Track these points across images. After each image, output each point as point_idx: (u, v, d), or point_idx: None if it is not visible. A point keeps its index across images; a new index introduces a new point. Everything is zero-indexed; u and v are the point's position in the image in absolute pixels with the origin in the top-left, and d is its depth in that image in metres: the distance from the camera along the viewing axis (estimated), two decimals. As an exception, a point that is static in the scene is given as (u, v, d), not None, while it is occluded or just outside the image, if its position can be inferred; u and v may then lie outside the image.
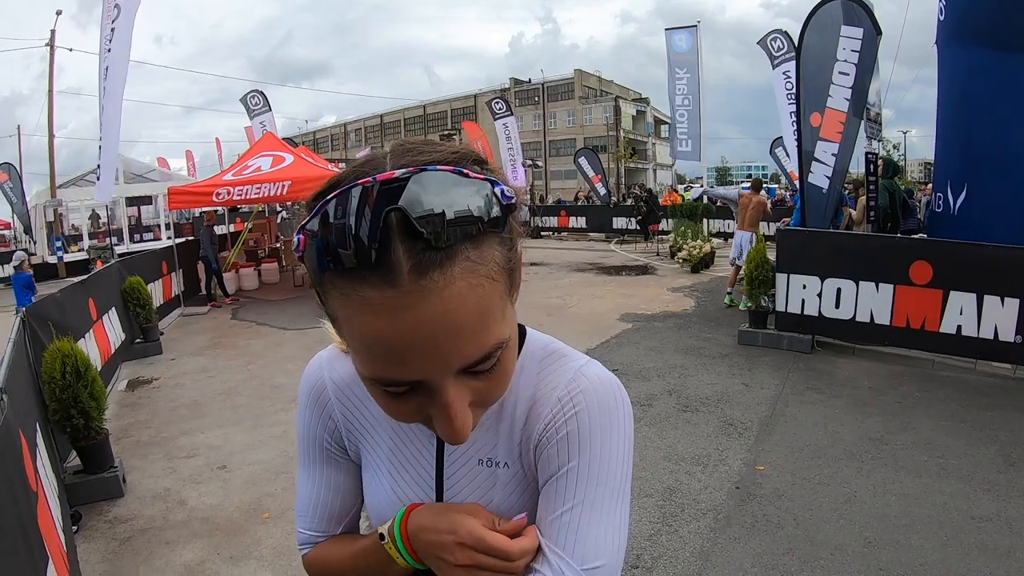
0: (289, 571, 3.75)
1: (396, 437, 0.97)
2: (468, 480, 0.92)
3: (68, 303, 6.40)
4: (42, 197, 22.16)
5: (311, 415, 1.02)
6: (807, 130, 8.19)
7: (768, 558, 3.68)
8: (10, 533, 2.07)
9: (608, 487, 0.85)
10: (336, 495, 1.04)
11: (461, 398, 0.70)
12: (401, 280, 0.60)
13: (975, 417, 5.48)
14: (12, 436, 2.66)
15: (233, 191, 11.85)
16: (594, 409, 0.85)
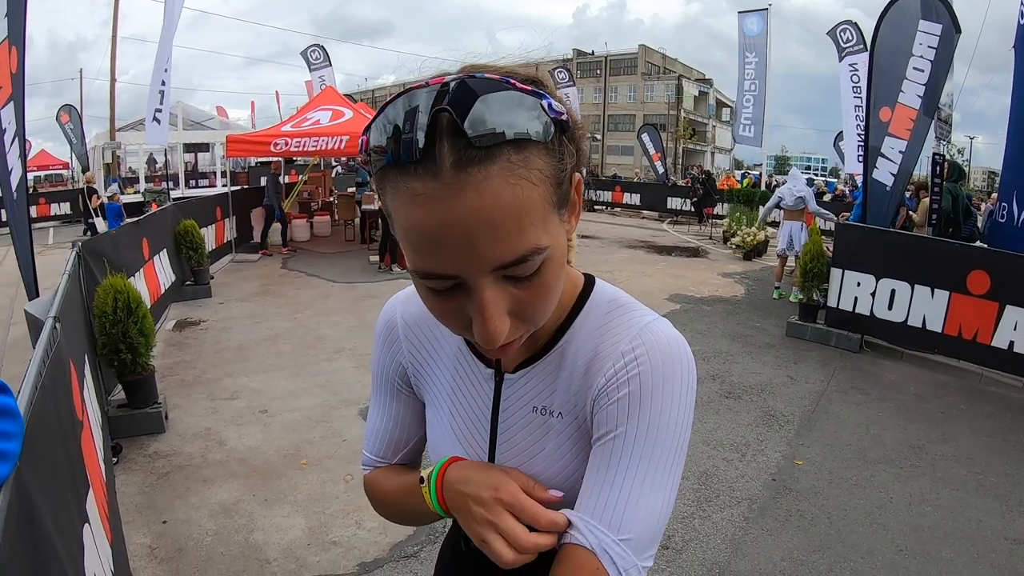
0: (322, 518, 3.83)
1: (457, 377, 1.01)
2: (521, 426, 0.95)
3: (122, 241, 6.55)
4: (101, 139, 22.61)
5: (382, 351, 1.10)
6: (875, 124, 7.95)
7: (798, 554, 3.65)
8: (57, 460, 2.13)
9: (661, 457, 0.85)
10: (396, 426, 1.12)
11: (497, 301, 0.71)
12: (443, 173, 0.64)
13: (1019, 437, 5.32)
14: (63, 365, 2.72)
15: (291, 143, 11.96)
16: (657, 371, 0.85)
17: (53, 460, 1.99)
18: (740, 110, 20.47)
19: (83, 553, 2.01)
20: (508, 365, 0.97)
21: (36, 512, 1.52)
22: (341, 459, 4.58)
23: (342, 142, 11.81)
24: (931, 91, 7.88)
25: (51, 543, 1.60)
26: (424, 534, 3.72)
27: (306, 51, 21.45)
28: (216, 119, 27.68)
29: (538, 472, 0.94)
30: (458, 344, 1.02)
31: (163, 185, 19.80)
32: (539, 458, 0.94)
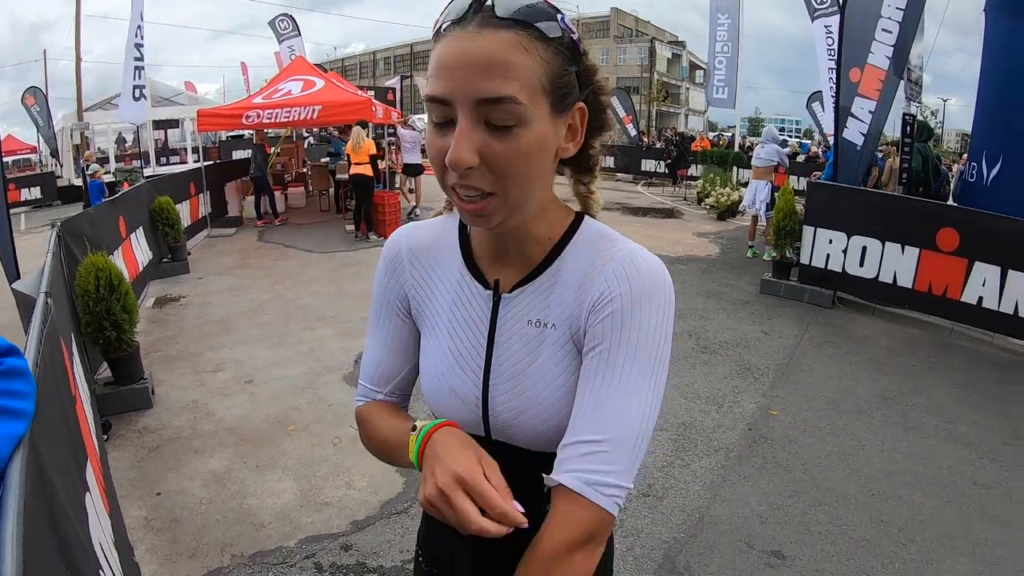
0: (313, 481, 3.92)
1: (457, 299, 1.10)
2: (517, 339, 1.04)
3: (100, 220, 6.50)
4: (69, 121, 22.17)
5: (386, 276, 1.18)
6: (846, 85, 8.04)
7: (775, 498, 3.81)
8: (58, 428, 2.18)
9: (642, 365, 0.94)
10: (391, 353, 1.18)
11: (470, 133, 0.85)
12: (469, 26, 0.85)
13: (987, 389, 5.50)
14: (57, 338, 2.76)
15: (263, 114, 11.80)
16: (640, 289, 0.96)
17: (55, 428, 2.04)
18: (713, 72, 20.46)
19: (87, 519, 2.05)
20: (505, 286, 1.06)
21: (47, 474, 1.58)
22: (328, 423, 4.66)
23: (314, 112, 11.70)
24: (899, 52, 7.97)
25: (61, 504, 1.67)
26: (413, 490, 3.83)
27: (274, 21, 21.11)
28: (184, 94, 27.16)
29: (531, 381, 1.02)
30: (459, 270, 1.11)
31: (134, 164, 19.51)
32: (533, 367, 1.02)
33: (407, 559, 3.22)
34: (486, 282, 1.08)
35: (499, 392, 1.05)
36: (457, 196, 0.91)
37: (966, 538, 3.50)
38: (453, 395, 1.08)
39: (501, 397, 1.04)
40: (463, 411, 1.08)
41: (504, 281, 1.07)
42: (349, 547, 3.33)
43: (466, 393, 1.07)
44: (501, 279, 1.07)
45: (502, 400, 1.04)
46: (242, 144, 24.08)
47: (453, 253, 1.12)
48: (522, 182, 0.90)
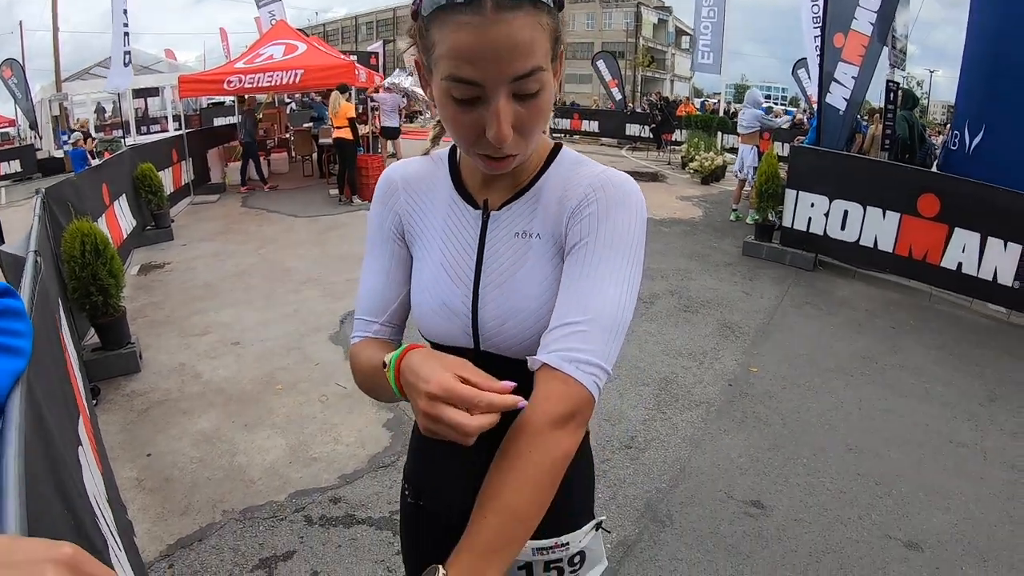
0: (301, 437, 3.98)
1: (449, 220, 1.18)
2: (506, 247, 1.13)
3: (83, 187, 6.44)
4: (47, 92, 21.78)
5: (382, 206, 1.25)
6: (830, 50, 8.06)
7: (754, 451, 3.91)
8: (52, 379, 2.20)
9: (619, 259, 1.03)
10: (387, 280, 1.23)
11: (508, 111, 0.93)
12: (485, 11, 0.87)
13: (964, 352, 5.60)
14: (47, 295, 2.77)
15: (244, 79, 11.70)
16: (614, 195, 1.06)
17: (49, 376, 2.06)
18: (699, 37, 20.33)
19: (82, 471, 2.09)
20: (493, 205, 1.15)
21: (43, 416, 1.61)
22: (315, 382, 4.71)
23: (297, 76, 11.60)
24: (883, 18, 8.00)
25: (58, 448, 1.70)
26: (400, 444, 3.90)
27: (254, -17, 20.73)
28: (165, 62, 26.75)
29: (518, 287, 1.09)
30: (450, 195, 1.19)
31: (115, 134, 19.26)
32: (519, 275, 1.10)
33: (395, 510, 3.28)
34: (475, 203, 1.17)
35: (488, 300, 1.11)
36: (482, 158, 1.01)
37: (941, 493, 3.60)
38: (444, 308, 1.14)
39: (490, 306, 1.11)
40: (453, 323, 1.14)
41: (492, 201, 1.16)
42: (338, 500, 3.40)
43: (457, 305, 1.13)
44: (489, 200, 1.16)
45: (491, 308, 1.11)
46: (223, 111, 23.77)
47: (444, 182, 1.21)
48: (539, 131, 1.01)
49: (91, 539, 1.63)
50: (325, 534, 3.15)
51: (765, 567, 2.99)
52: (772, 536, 3.20)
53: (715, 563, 3.01)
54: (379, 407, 4.32)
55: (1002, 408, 4.62)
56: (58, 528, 1.32)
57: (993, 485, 3.70)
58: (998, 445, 4.13)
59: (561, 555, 1.24)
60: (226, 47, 32.51)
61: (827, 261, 7.88)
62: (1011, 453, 4.04)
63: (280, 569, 2.92)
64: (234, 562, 2.96)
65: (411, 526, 1.41)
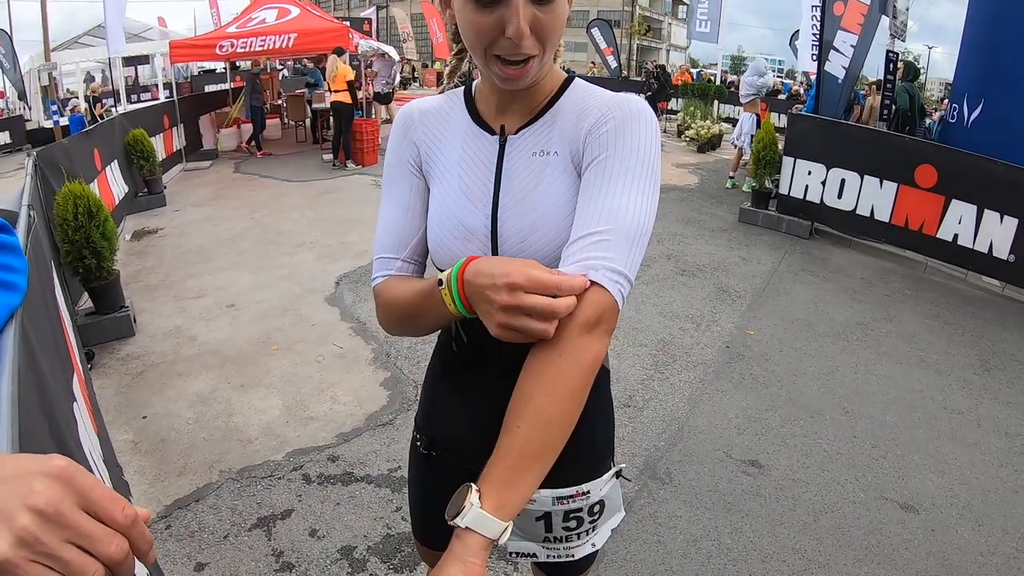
0: (298, 397, 3.96)
1: (466, 146, 1.18)
2: (524, 166, 1.13)
3: (74, 151, 6.32)
4: (36, 62, 21.42)
5: (400, 139, 1.25)
6: (829, 18, 8.00)
7: (752, 412, 3.92)
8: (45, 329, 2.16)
9: (637, 172, 1.05)
10: (407, 213, 1.21)
11: (526, 10, 0.96)
12: None
13: (959, 322, 5.61)
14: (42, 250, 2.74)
15: (237, 44, 11.46)
16: (631, 113, 1.08)
17: (43, 330, 2.03)
18: (696, 5, 20.17)
19: (76, 427, 2.06)
20: (510, 129, 1.15)
21: (37, 360, 1.58)
22: (311, 342, 4.69)
23: (290, 40, 11.41)
24: (882, -14, 7.93)
25: (51, 393, 1.68)
26: (398, 403, 3.90)
27: (242, -52, 20.40)
28: (156, 29, 26.32)
29: (537, 203, 1.09)
30: (466, 123, 1.20)
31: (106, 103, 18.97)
32: (537, 191, 1.10)
33: (393, 468, 3.29)
34: (491, 129, 1.18)
35: (507, 218, 1.11)
36: (500, 63, 1.02)
37: (936, 457, 3.62)
38: (463, 229, 1.13)
39: (509, 223, 1.11)
40: (472, 244, 1.13)
41: (509, 126, 1.17)
42: (336, 458, 3.39)
43: (476, 225, 1.13)
44: (506, 125, 1.17)
45: (510, 225, 1.10)
46: (214, 79, 23.47)
47: (460, 111, 1.22)
48: (555, 43, 1.05)
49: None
50: (323, 492, 3.14)
51: (763, 525, 3.00)
52: (770, 495, 3.21)
53: (714, 520, 3.01)
54: (376, 367, 4.31)
55: (996, 378, 4.64)
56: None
57: (987, 451, 3.72)
58: (992, 413, 4.15)
59: (581, 504, 1.24)
60: (216, 14, 32.06)
61: (823, 229, 7.86)
62: (1005, 422, 4.05)
63: (278, 527, 2.91)
64: (232, 521, 2.95)
65: (423, 477, 1.40)
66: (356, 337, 4.80)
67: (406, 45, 40.36)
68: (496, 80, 1.06)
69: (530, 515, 1.24)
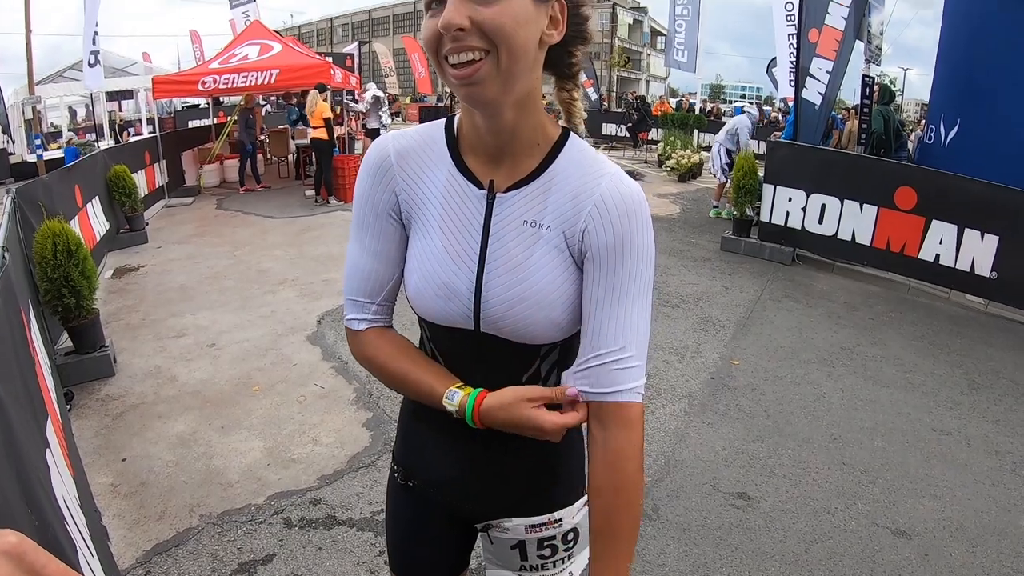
0: (279, 439, 3.90)
1: (448, 198, 1.14)
2: (512, 236, 1.10)
3: (55, 188, 6.29)
4: (20, 95, 21.40)
5: (372, 181, 1.18)
6: (805, 46, 8.13)
7: (739, 443, 3.89)
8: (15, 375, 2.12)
9: (644, 276, 1.08)
10: (380, 260, 1.20)
11: (461, 2, 0.93)
12: None
13: (944, 342, 5.65)
14: (13, 294, 2.70)
15: (219, 80, 11.50)
16: (632, 209, 1.07)
17: (14, 378, 1.99)
18: (673, 35, 20.44)
19: (49, 473, 2.01)
20: (499, 187, 1.11)
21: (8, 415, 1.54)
22: (293, 382, 4.63)
23: (272, 76, 11.45)
24: (856, 12, 8.11)
25: (22, 448, 1.63)
26: (380, 444, 3.84)
27: (227, -16, 20.53)
28: (140, 64, 26.37)
29: (527, 274, 1.09)
30: (448, 169, 1.15)
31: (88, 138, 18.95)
32: (528, 262, 1.09)
33: (376, 511, 3.23)
34: (477, 182, 1.13)
35: (494, 285, 1.10)
36: (450, 67, 0.97)
37: (927, 480, 3.61)
38: (445, 289, 1.12)
39: (496, 290, 1.10)
40: (453, 305, 1.12)
41: (497, 183, 1.12)
42: (318, 501, 3.33)
43: (459, 287, 1.12)
44: (495, 181, 1.12)
45: (496, 292, 1.10)
46: (197, 114, 23.50)
47: (441, 154, 1.16)
48: (511, 45, 0.96)
49: (58, 541, 1.57)
50: (305, 536, 3.08)
51: (754, 558, 2.96)
52: (760, 527, 3.17)
53: (704, 556, 2.98)
54: (358, 407, 4.27)
55: (983, 396, 4.66)
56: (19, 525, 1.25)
57: (978, 471, 3.72)
58: (981, 432, 4.16)
59: (555, 532, 1.28)
60: (199, 49, 32.20)
61: (805, 255, 7.93)
62: (994, 440, 4.07)
63: (260, 573, 2.85)
64: (212, 567, 2.88)
65: (401, 508, 1.40)
66: (338, 377, 4.74)
67: (388, 80, 40.69)
68: (454, 91, 1.02)
69: (504, 543, 1.30)
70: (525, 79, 1.03)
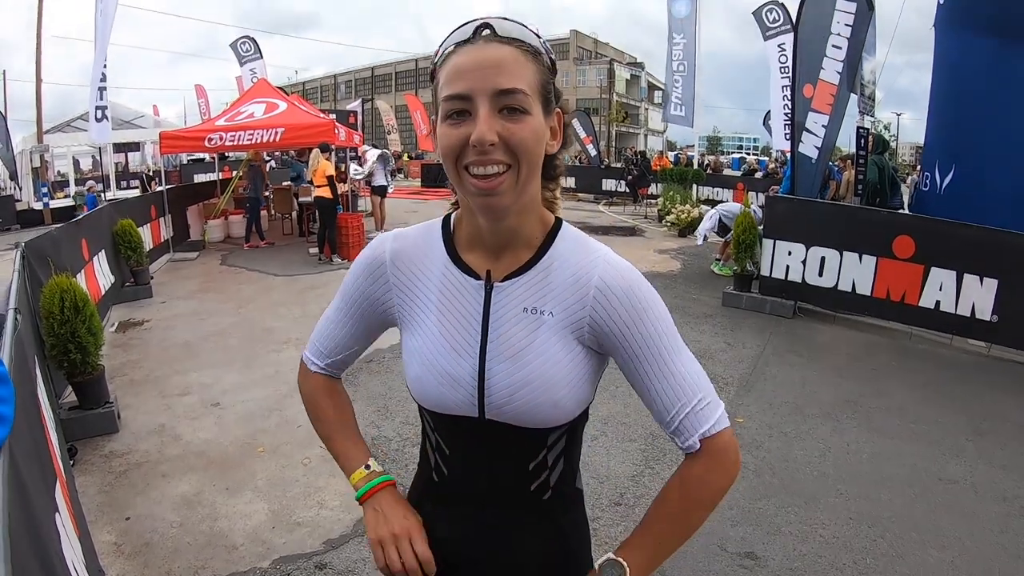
0: (284, 501, 3.88)
1: (445, 291, 1.19)
2: (514, 321, 1.15)
3: (63, 242, 6.37)
4: (28, 143, 21.69)
5: (363, 282, 1.28)
6: (800, 101, 8.27)
7: (745, 502, 3.86)
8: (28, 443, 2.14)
9: (672, 332, 1.16)
10: (349, 338, 1.34)
11: (490, 118, 1.01)
12: (478, 41, 1.04)
13: (948, 389, 5.66)
14: (26, 355, 2.73)
15: (225, 137, 11.71)
16: (632, 283, 1.14)
17: (26, 444, 2.01)
18: (671, 90, 20.72)
19: (59, 539, 2.02)
20: (496, 276, 1.16)
21: (25, 486, 1.56)
22: (298, 444, 4.62)
23: (277, 134, 11.65)
24: (850, 67, 8.26)
25: (39, 518, 1.65)
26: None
27: (236, 43, 20.96)
28: (148, 117, 26.76)
29: (531, 359, 1.12)
30: (443, 264, 1.20)
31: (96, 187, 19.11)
32: (531, 349, 1.12)
33: None
34: (474, 273, 1.18)
35: (497, 372, 1.13)
36: (471, 177, 1.04)
37: (935, 531, 3.60)
38: (447, 378, 1.15)
39: (498, 376, 1.13)
40: (456, 393, 1.15)
41: (494, 273, 1.18)
42: (324, 566, 3.31)
43: (461, 375, 1.15)
44: (492, 271, 1.18)
45: (500, 378, 1.13)
46: (203, 167, 23.78)
47: (438, 250, 1.22)
48: (531, 160, 1.05)
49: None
50: (311, 600, 3.06)
51: (762, 620, 2.93)
52: (768, 588, 3.15)
53: (712, 618, 2.95)
54: (364, 467, 4.24)
55: (989, 441, 4.68)
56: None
57: (986, 519, 3.72)
58: (988, 479, 4.17)
59: None
60: (205, 104, 32.70)
61: (807, 308, 7.95)
62: (1001, 485, 4.07)
63: (265, 638, 2.82)
64: (217, 632, 2.86)
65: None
66: (343, 437, 4.72)
67: (391, 137, 41.19)
68: (470, 198, 1.08)
69: None
70: (534, 187, 1.12)
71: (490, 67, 1.01)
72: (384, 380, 5.66)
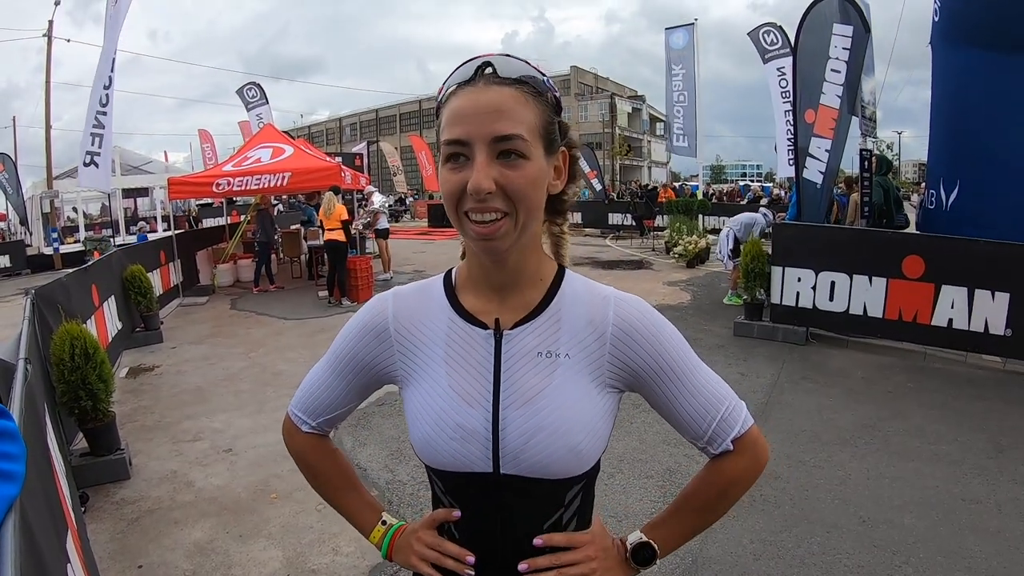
0: (298, 548, 3.83)
1: (451, 345, 1.17)
2: (529, 367, 1.13)
3: (73, 288, 6.38)
4: (38, 188, 22.00)
5: (361, 342, 1.26)
6: (802, 126, 8.31)
7: (766, 535, 3.80)
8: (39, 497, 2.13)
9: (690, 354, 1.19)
10: (333, 391, 1.31)
11: (487, 166, 1.00)
12: (479, 83, 1.03)
13: (965, 407, 5.60)
14: (36, 405, 2.72)
15: (233, 182, 11.86)
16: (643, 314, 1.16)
17: (37, 496, 2.00)
18: (672, 122, 20.87)
19: (70, 591, 2.00)
20: (506, 323, 1.15)
21: (36, 541, 1.54)
22: (311, 490, 4.52)
23: (284, 178, 11.77)
24: (850, 90, 8.30)
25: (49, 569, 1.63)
26: (403, 551, 3.75)
27: (242, 89, 21.27)
28: (156, 162, 27.15)
29: (547, 401, 1.09)
30: (448, 318, 1.18)
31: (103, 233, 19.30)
32: (547, 393, 1.10)
33: (400, 618, 3.16)
34: (481, 323, 1.16)
35: (511, 419, 1.10)
36: (471, 223, 1.04)
37: (960, 553, 3.53)
38: (460, 431, 1.11)
39: (514, 424, 1.10)
40: (471, 446, 1.11)
41: (503, 320, 1.16)
42: (340, 611, 3.26)
43: (474, 427, 1.11)
44: (500, 319, 1.16)
45: (515, 427, 1.10)
46: (211, 212, 24.00)
47: (440, 304, 1.21)
48: (529, 205, 1.04)
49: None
50: (328, 647, 3.01)
51: (789, 656, 2.87)
52: (793, 622, 3.08)
53: (737, 655, 2.88)
54: (378, 509, 4.19)
55: (1010, 457, 4.62)
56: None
57: (1011, 537, 3.66)
58: (1011, 496, 4.11)
59: None
60: (211, 148, 33.10)
61: (819, 333, 7.91)
62: (1025, 501, 3.99)
63: None
64: None
65: None
66: (357, 483, 4.69)
67: (396, 178, 41.55)
68: (472, 244, 1.08)
69: None
70: (535, 227, 1.12)
71: (489, 112, 1.00)
72: (397, 423, 5.62)
